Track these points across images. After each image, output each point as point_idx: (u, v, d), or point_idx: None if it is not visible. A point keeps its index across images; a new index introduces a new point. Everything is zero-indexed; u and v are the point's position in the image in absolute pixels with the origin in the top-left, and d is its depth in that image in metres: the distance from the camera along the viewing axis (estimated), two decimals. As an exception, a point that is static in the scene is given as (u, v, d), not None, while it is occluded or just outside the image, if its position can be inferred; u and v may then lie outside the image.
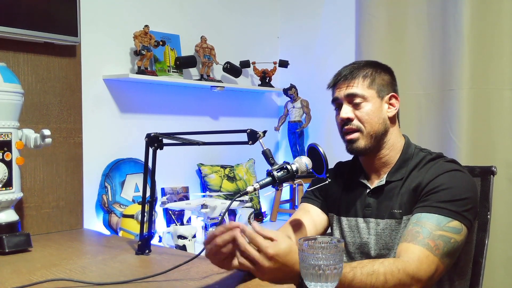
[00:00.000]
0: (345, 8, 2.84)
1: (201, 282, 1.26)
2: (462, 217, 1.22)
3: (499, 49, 2.14)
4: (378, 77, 1.37)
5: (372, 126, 1.34)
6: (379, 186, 1.38)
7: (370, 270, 1.08)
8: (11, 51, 1.87)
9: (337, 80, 1.40)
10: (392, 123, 1.39)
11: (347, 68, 1.40)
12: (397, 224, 1.32)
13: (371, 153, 1.38)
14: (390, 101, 1.38)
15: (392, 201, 1.34)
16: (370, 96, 1.35)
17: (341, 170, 1.51)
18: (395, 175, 1.37)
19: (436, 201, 1.23)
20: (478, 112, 2.18)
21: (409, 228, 1.23)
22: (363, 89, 1.35)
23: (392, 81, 1.41)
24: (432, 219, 1.21)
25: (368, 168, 1.43)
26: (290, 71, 3.16)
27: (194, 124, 2.78)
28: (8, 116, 1.61)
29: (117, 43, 2.45)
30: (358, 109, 1.35)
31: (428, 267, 1.15)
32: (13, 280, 1.28)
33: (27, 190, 1.89)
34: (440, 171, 1.29)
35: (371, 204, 1.38)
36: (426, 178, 1.29)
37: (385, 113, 1.37)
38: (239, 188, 2.83)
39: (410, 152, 1.38)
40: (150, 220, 1.60)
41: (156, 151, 1.54)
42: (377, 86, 1.36)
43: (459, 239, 1.21)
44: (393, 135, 1.39)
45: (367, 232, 1.37)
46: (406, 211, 1.31)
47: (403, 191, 1.33)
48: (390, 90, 1.39)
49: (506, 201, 2.10)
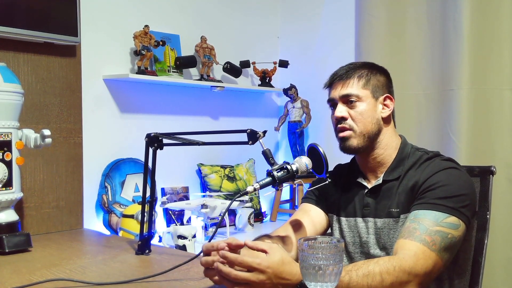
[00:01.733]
0: (345, 8, 2.84)
1: (201, 282, 1.26)
2: (460, 213, 1.22)
3: (498, 49, 2.15)
4: (374, 78, 1.39)
5: (365, 126, 1.36)
6: (377, 185, 1.39)
7: (365, 271, 1.08)
8: (11, 51, 1.87)
9: (332, 80, 1.42)
10: (386, 124, 1.40)
11: (343, 69, 1.42)
12: (395, 223, 1.33)
13: (364, 153, 1.40)
14: (385, 102, 1.39)
15: (389, 200, 1.35)
16: (365, 96, 1.36)
17: (340, 172, 1.53)
18: (391, 174, 1.37)
19: (433, 198, 1.24)
20: (477, 112, 2.18)
21: (406, 225, 1.23)
22: (358, 89, 1.37)
23: (387, 83, 1.42)
24: (429, 215, 1.21)
25: (364, 168, 1.44)
26: (290, 71, 3.16)
27: (194, 124, 2.78)
28: (8, 116, 1.61)
29: (117, 43, 2.45)
30: (352, 108, 1.36)
31: (425, 262, 1.15)
32: (13, 280, 1.28)
33: (27, 190, 1.89)
34: (436, 169, 1.30)
35: (370, 203, 1.39)
36: (423, 177, 1.30)
37: (379, 113, 1.38)
38: (239, 188, 2.83)
39: (406, 152, 1.39)
40: (150, 220, 1.60)
41: (156, 151, 1.54)
42: (372, 87, 1.38)
43: (457, 234, 1.21)
44: (387, 135, 1.40)
45: (366, 232, 1.39)
46: (404, 210, 1.31)
47: (400, 190, 1.34)
48: (385, 91, 1.40)
49: (505, 201, 2.10)
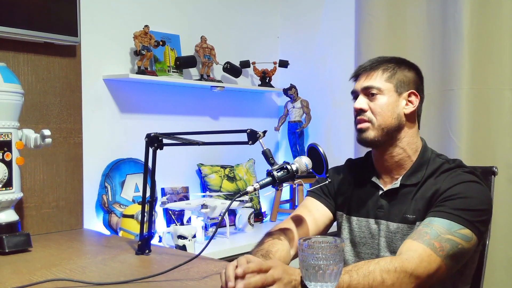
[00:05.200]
0: (345, 8, 2.84)
1: (201, 282, 1.26)
2: (474, 227, 1.21)
3: (498, 49, 2.15)
4: (400, 73, 1.36)
5: (384, 119, 1.33)
6: (393, 188, 1.36)
7: (366, 272, 1.08)
8: (11, 51, 1.87)
9: (358, 72, 1.39)
10: (409, 121, 1.36)
11: (370, 61, 1.39)
12: (409, 229, 1.30)
13: (382, 148, 1.36)
14: (409, 98, 1.36)
15: (405, 205, 1.32)
16: (387, 90, 1.34)
17: (352, 168, 1.49)
18: (410, 178, 1.34)
19: (451, 208, 1.22)
20: (478, 112, 2.18)
21: (418, 228, 1.22)
22: (381, 82, 1.34)
23: (416, 80, 1.39)
24: (443, 223, 1.19)
25: (380, 167, 1.40)
26: (290, 71, 3.15)
27: (194, 124, 2.78)
28: (8, 116, 1.61)
29: (117, 43, 2.45)
30: (373, 101, 1.34)
31: (428, 265, 1.14)
32: (13, 280, 1.28)
33: (27, 190, 1.89)
34: (458, 180, 1.27)
35: (384, 206, 1.36)
36: (444, 186, 1.27)
37: (401, 108, 1.34)
38: (239, 188, 2.83)
39: (427, 157, 1.36)
40: (150, 220, 1.60)
41: (156, 151, 1.54)
42: (396, 81, 1.35)
43: (467, 246, 1.20)
44: (409, 135, 1.36)
45: (378, 234, 1.36)
46: (421, 217, 1.28)
47: (418, 197, 1.31)
48: (411, 87, 1.37)
49: (506, 201, 2.10)
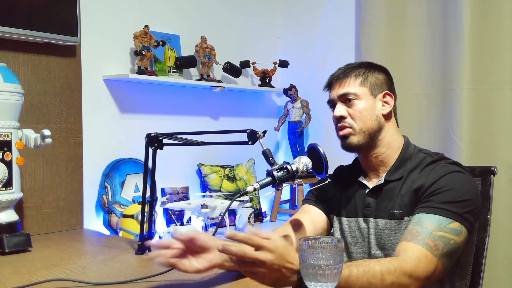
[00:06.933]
0: (345, 8, 2.84)
1: (201, 282, 1.26)
2: (463, 219, 1.22)
3: (499, 49, 2.14)
4: (371, 76, 1.39)
5: (365, 123, 1.36)
6: (378, 185, 1.38)
7: (366, 268, 1.08)
8: (11, 51, 1.87)
9: (331, 81, 1.43)
10: (387, 120, 1.39)
11: (340, 69, 1.42)
12: (397, 224, 1.32)
13: (366, 150, 1.39)
14: (384, 99, 1.39)
15: (391, 201, 1.34)
16: (363, 94, 1.37)
17: (341, 174, 1.53)
18: (393, 174, 1.37)
19: (437, 202, 1.24)
20: (478, 112, 2.18)
21: (409, 228, 1.23)
22: (355, 87, 1.37)
23: (387, 80, 1.42)
24: (432, 219, 1.21)
25: (366, 167, 1.43)
26: (290, 71, 3.15)
27: (194, 124, 2.78)
28: (8, 116, 1.61)
29: (117, 43, 2.45)
30: (351, 107, 1.37)
31: (427, 266, 1.15)
32: (13, 280, 1.28)
33: (27, 190, 1.89)
34: (443, 172, 1.29)
35: (371, 204, 1.38)
36: (429, 180, 1.29)
37: (379, 110, 1.38)
38: (239, 188, 2.83)
39: (409, 152, 1.39)
40: (150, 220, 1.60)
41: (156, 151, 1.54)
42: (369, 84, 1.38)
43: (459, 240, 1.21)
44: (389, 133, 1.39)
45: (367, 232, 1.38)
46: (407, 212, 1.30)
47: (404, 191, 1.33)
48: (384, 88, 1.40)
49: (506, 202, 2.10)
